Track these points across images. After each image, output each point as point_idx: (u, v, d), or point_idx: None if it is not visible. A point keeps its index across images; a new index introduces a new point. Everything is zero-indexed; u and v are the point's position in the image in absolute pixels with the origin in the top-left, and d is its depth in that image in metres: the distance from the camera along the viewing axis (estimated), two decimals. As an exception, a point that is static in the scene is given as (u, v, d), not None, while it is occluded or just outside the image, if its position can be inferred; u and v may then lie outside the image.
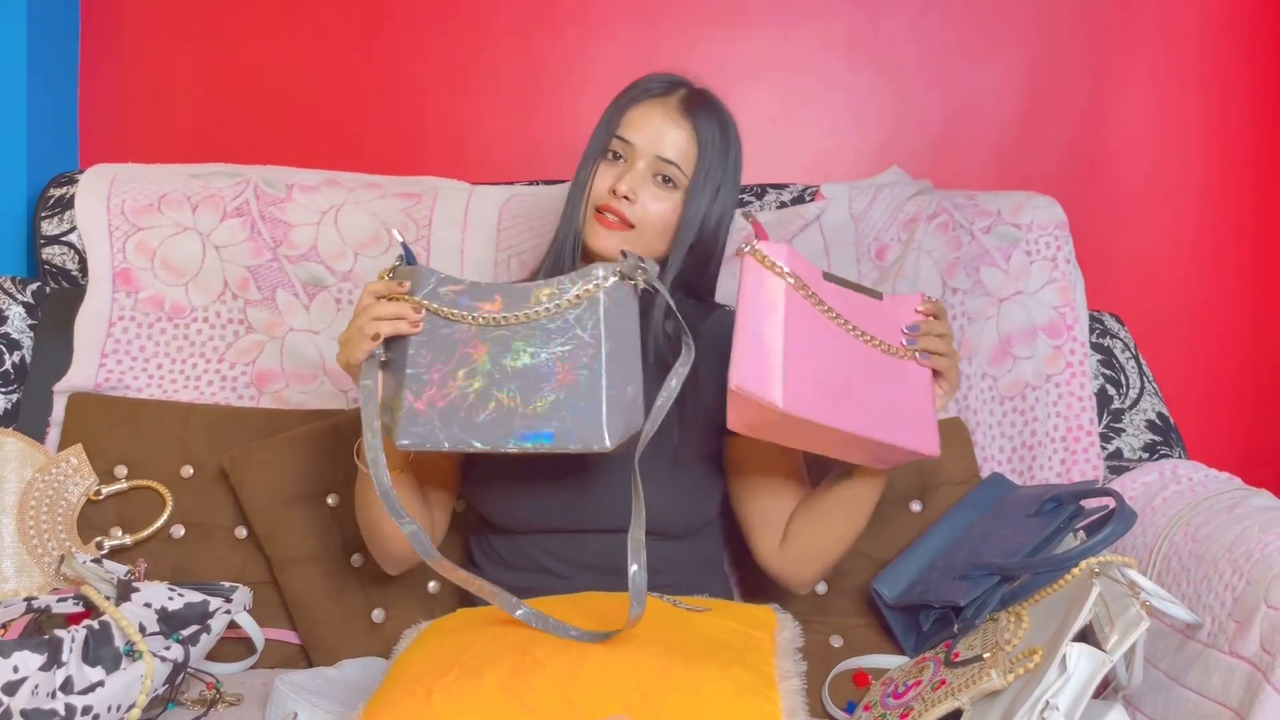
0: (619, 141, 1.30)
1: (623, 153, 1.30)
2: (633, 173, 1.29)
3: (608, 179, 1.30)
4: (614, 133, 1.31)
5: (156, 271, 1.62)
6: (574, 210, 1.32)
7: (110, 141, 1.90)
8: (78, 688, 1.08)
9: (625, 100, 1.32)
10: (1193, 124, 1.96)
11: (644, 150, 1.29)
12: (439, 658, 1.05)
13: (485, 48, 1.94)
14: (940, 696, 1.11)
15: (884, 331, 1.21)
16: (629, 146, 1.30)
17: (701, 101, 1.33)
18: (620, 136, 1.30)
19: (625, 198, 1.28)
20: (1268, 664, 1.03)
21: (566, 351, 1.11)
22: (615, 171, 1.30)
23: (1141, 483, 1.45)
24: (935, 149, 1.96)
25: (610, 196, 1.29)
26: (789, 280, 1.13)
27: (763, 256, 1.14)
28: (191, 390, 1.59)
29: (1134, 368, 1.68)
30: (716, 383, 1.31)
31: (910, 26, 1.96)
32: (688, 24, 1.95)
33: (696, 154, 1.29)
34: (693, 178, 1.29)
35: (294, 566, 1.44)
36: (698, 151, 1.29)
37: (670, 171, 1.29)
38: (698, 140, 1.29)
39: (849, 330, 1.18)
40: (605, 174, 1.30)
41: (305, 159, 1.76)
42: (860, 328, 1.19)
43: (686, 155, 1.29)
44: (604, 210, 1.29)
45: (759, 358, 1.10)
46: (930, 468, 1.52)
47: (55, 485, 1.46)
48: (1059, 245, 1.66)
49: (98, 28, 1.91)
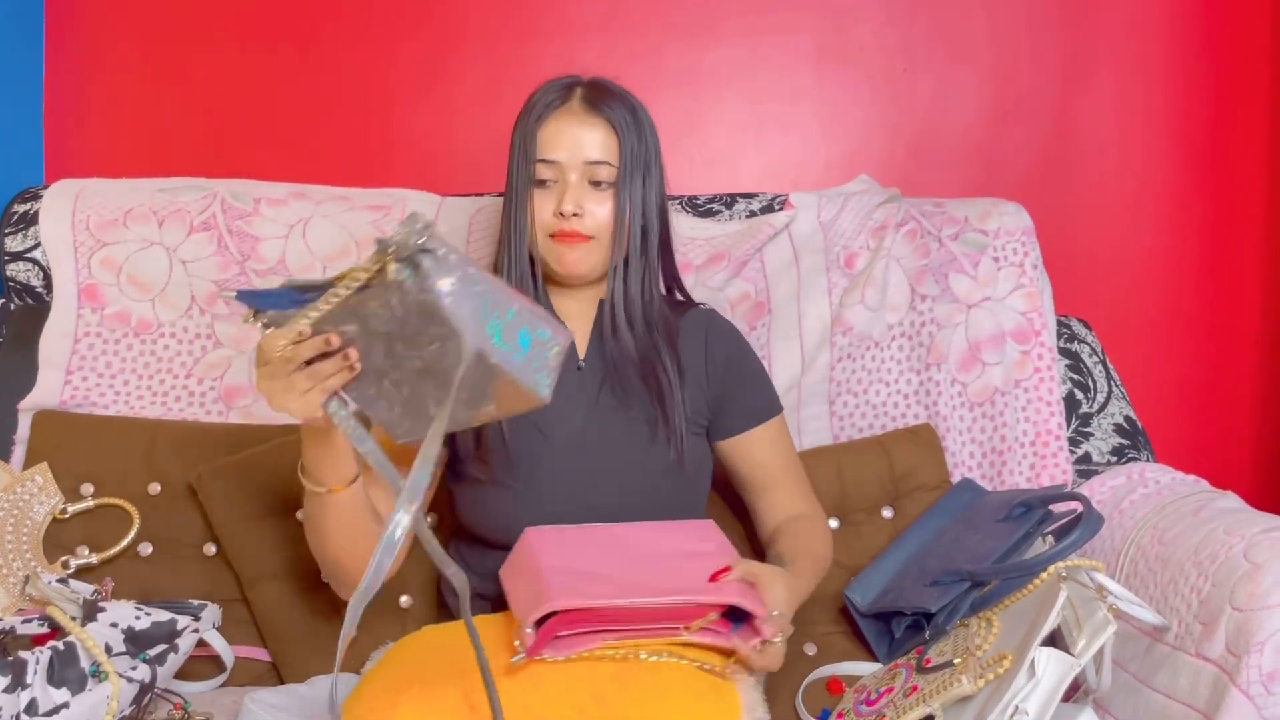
0: (543, 165, 1.28)
1: (549, 175, 1.28)
2: (569, 189, 1.27)
3: (548, 204, 1.28)
4: (534, 159, 1.28)
5: (123, 287, 1.60)
6: (518, 247, 1.30)
7: (75, 156, 1.89)
8: (42, 709, 1.07)
9: (530, 123, 1.29)
10: (1157, 130, 1.98)
11: (570, 163, 1.28)
12: (402, 674, 1.05)
13: (453, 59, 1.94)
14: (912, 703, 1.11)
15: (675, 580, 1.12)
16: (553, 166, 1.28)
17: (602, 92, 1.31)
18: (543, 160, 1.28)
19: (574, 215, 1.27)
20: (1233, 665, 1.04)
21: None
22: (551, 194, 1.28)
23: (1109, 486, 1.46)
24: (903, 157, 1.97)
25: (559, 220, 1.28)
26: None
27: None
28: (159, 406, 1.57)
29: (1101, 372, 1.70)
30: (699, 384, 1.33)
31: (877, 36, 1.97)
32: (657, 34, 1.96)
33: (617, 143, 1.29)
34: (620, 167, 1.29)
35: (264, 583, 1.43)
36: (618, 140, 1.29)
37: (601, 172, 1.28)
38: (614, 130, 1.29)
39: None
40: (543, 201, 1.29)
41: (272, 172, 1.76)
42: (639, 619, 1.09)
43: (609, 149, 1.28)
44: (558, 236, 1.28)
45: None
46: (902, 474, 1.53)
47: (20, 504, 1.45)
48: (1026, 251, 1.67)
49: (62, 42, 1.89)
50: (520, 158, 1.29)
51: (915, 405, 1.62)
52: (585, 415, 1.30)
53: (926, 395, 1.62)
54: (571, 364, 1.32)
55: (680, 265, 1.62)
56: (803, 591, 1.22)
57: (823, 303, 1.66)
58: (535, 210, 1.29)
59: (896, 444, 1.55)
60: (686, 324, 1.37)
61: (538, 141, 1.28)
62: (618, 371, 1.30)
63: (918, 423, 1.60)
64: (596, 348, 1.34)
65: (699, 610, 1.07)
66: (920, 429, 1.58)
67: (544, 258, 1.30)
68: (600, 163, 1.28)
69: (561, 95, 1.31)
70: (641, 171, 1.30)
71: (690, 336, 1.36)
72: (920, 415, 1.61)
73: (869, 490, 1.52)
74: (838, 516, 1.51)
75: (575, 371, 1.32)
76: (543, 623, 1.05)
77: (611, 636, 1.06)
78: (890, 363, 1.64)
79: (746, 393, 1.38)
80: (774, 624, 1.09)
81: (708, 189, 1.81)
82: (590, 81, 1.33)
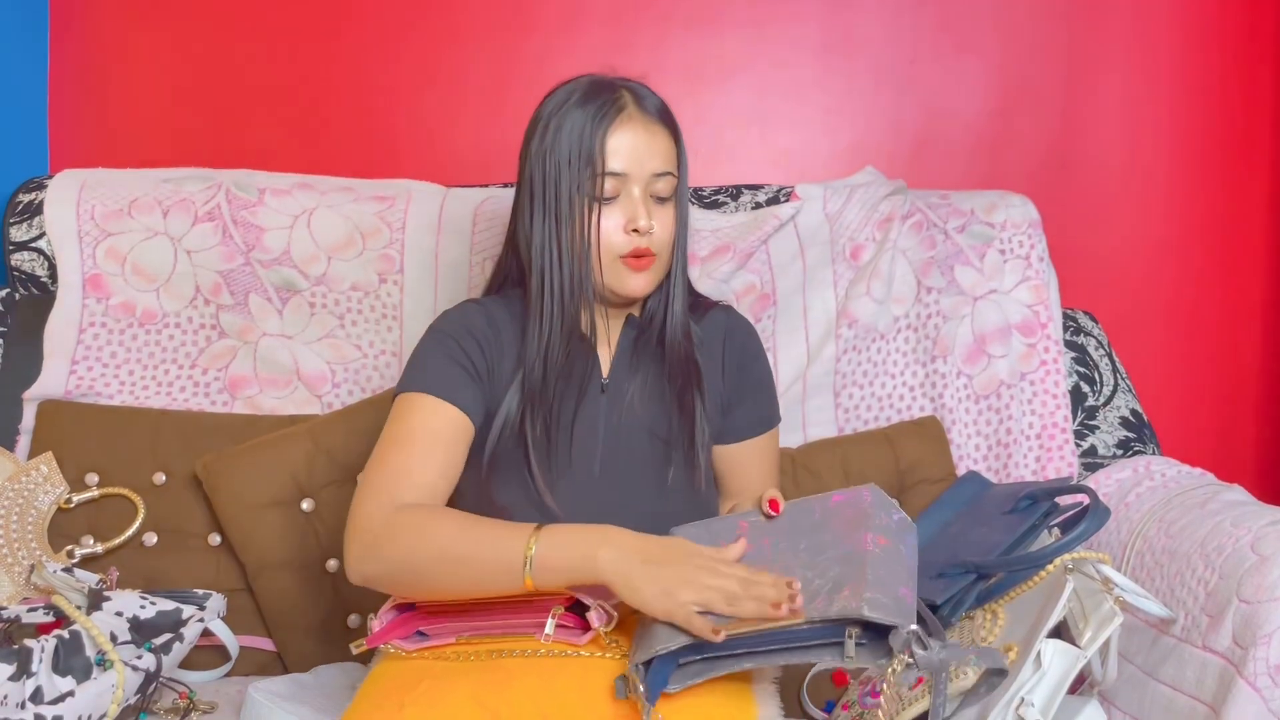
0: (611, 179, 1.18)
1: (614, 188, 1.18)
2: (638, 204, 1.18)
3: (615, 221, 1.18)
4: (602, 171, 1.17)
5: (127, 277, 1.60)
6: (579, 268, 1.18)
7: (79, 146, 1.89)
8: (48, 698, 1.07)
9: (594, 130, 1.17)
10: (1165, 122, 1.97)
11: (637, 175, 1.18)
12: (409, 671, 1.03)
13: (458, 49, 1.93)
14: (917, 695, 1.11)
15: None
16: (619, 179, 1.18)
17: (651, 96, 1.23)
18: (612, 172, 1.17)
19: (648, 232, 1.18)
20: (1240, 658, 1.04)
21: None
22: (615, 210, 1.19)
23: (1115, 479, 1.46)
24: (909, 149, 1.97)
25: (634, 237, 1.18)
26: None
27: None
28: (163, 396, 1.57)
29: (1107, 365, 1.69)
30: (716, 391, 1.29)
31: (884, 27, 1.96)
32: (660, 24, 1.95)
33: (677, 153, 1.22)
34: (680, 177, 1.23)
35: (268, 573, 1.43)
36: (677, 150, 1.22)
37: (664, 185, 1.20)
38: (674, 138, 1.22)
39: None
40: (611, 217, 1.18)
41: (277, 162, 1.75)
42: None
43: (670, 159, 1.21)
44: (631, 255, 1.19)
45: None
46: (907, 466, 1.53)
47: (25, 494, 1.45)
48: (1032, 244, 1.66)
49: (66, 32, 1.89)
50: (580, 168, 1.17)
51: (921, 398, 1.62)
52: (604, 433, 1.24)
53: (932, 388, 1.62)
54: (595, 382, 1.25)
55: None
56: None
57: (828, 295, 1.66)
58: (604, 231, 1.18)
59: (902, 436, 1.55)
60: (706, 329, 1.31)
61: (607, 151, 1.17)
62: (644, 390, 1.25)
63: (923, 415, 1.60)
64: (623, 365, 1.26)
65: (543, 604, 1.04)
66: (926, 421, 1.58)
67: (607, 281, 1.20)
68: (664, 174, 1.20)
69: (614, 99, 1.19)
70: (686, 177, 1.25)
71: (709, 342, 1.30)
72: (926, 408, 1.61)
73: (874, 482, 1.51)
74: (843, 508, 1.51)
75: (600, 392, 1.25)
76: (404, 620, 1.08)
77: (468, 632, 1.06)
78: (896, 355, 1.64)
79: (753, 401, 1.32)
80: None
81: (713, 181, 1.81)
82: (631, 84, 1.22)
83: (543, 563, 1.00)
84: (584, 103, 1.18)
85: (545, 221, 1.19)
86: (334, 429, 1.49)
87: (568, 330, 1.20)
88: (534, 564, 1.00)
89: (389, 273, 1.64)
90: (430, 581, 1.05)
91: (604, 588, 1.01)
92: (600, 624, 1.02)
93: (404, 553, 1.04)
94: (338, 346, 1.61)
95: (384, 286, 1.63)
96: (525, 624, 1.05)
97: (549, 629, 1.02)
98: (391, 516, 1.06)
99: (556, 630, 1.03)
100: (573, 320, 1.20)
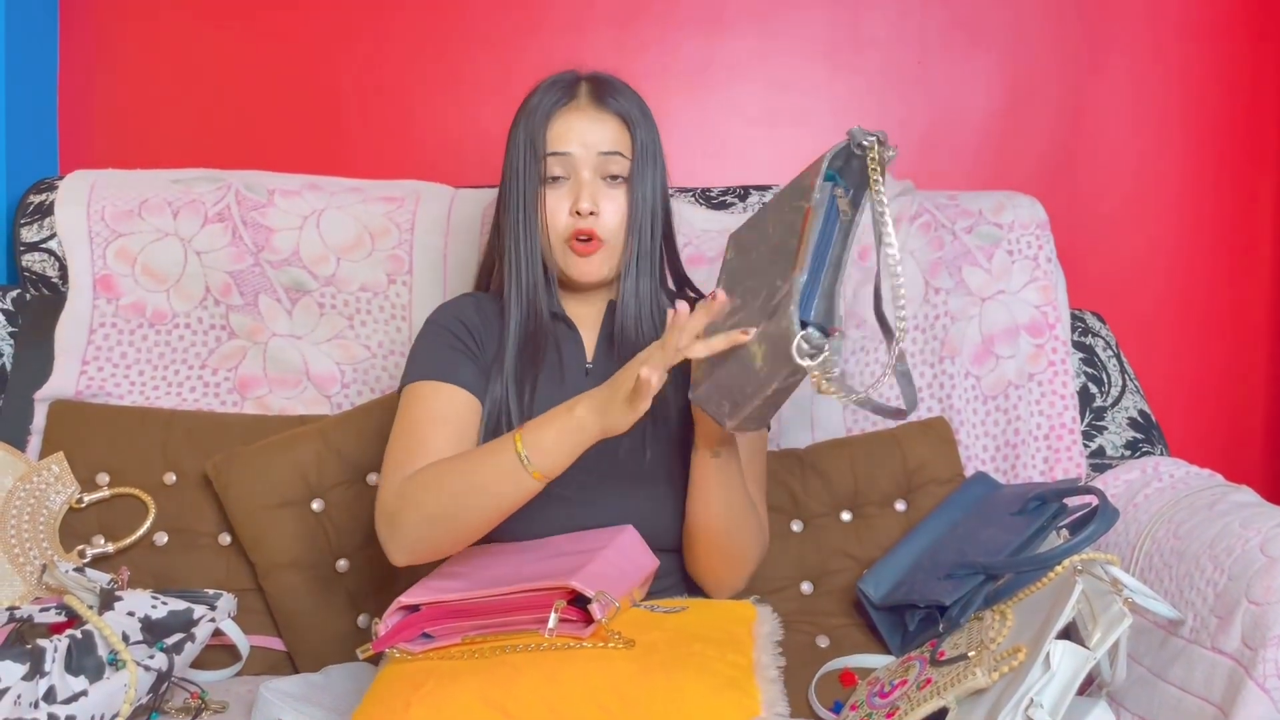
0: (554, 160, 1.23)
1: (560, 171, 1.24)
2: (585, 185, 1.23)
3: (561, 204, 1.24)
4: (544, 154, 1.23)
5: (137, 278, 1.61)
6: (529, 251, 1.25)
7: (90, 147, 1.89)
8: (60, 697, 1.08)
9: (537, 120, 1.24)
10: (1174, 123, 1.97)
11: (583, 157, 1.23)
12: (416, 671, 1.03)
13: (466, 51, 1.94)
14: (926, 695, 1.11)
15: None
16: (565, 160, 1.24)
17: (607, 85, 1.27)
18: (554, 153, 1.23)
19: (591, 214, 1.23)
20: (1249, 659, 1.04)
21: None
22: (564, 193, 1.24)
23: (1124, 480, 1.46)
24: (917, 149, 1.97)
25: (576, 219, 1.23)
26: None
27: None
28: (174, 397, 1.58)
29: (1115, 366, 1.69)
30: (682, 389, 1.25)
31: (891, 27, 1.96)
32: (668, 24, 1.95)
33: (629, 135, 1.25)
34: (634, 159, 1.25)
35: (279, 572, 1.43)
36: (629, 132, 1.25)
37: (615, 165, 1.24)
38: (625, 122, 1.25)
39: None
40: (555, 201, 1.24)
41: (286, 164, 1.76)
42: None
43: (621, 141, 1.25)
44: (575, 236, 1.24)
45: None
46: (915, 467, 1.53)
47: (37, 494, 1.45)
48: (1040, 244, 1.66)
49: (77, 33, 1.89)
50: (526, 155, 1.24)
51: (929, 398, 1.62)
52: None
53: (940, 388, 1.62)
54: (579, 367, 1.30)
55: (693, 258, 1.63)
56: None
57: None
58: (548, 209, 1.25)
59: (910, 437, 1.55)
60: None
61: (548, 136, 1.23)
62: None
63: (931, 416, 1.60)
64: (605, 350, 1.30)
65: (545, 599, 1.06)
66: (934, 422, 1.58)
67: (558, 264, 1.27)
68: (613, 154, 1.24)
69: (567, 91, 1.26)
70: (651, 164, 1.27)
71: None
72: (934, 408, 1.61)
73: (882, 483, 1.52)
74: (850, 509, 1.51)
75: (584, 376, 1.29)
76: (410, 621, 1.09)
77: (472, 631, 1.07)
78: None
79: None
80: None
81: (720, 181, 1.81)
82: (592, 76, 1.29)
83: (537, 452, 1.08)
84: (536, 100, 1.26)
85: (509, 209, 1.27)
86: (344, 429, 1.49)
87: (535, 313, 1.26)
88: (530, 459, 1.08)
89: (398, 273, 1.64)
90: (456, 522, 1.11)
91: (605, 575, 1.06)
92: (602, 615, 1.03)
93: (421, 509, 1.12)
94: (347, 347, 1.62)
95: (393, 287, 1.64)
96: (528, 620, 1.06)
97: (552, 623, 1.03)
98: (401, 487, 1.14)
99: (560, 624, 1.04)
100: (535, 303, 1.26)
